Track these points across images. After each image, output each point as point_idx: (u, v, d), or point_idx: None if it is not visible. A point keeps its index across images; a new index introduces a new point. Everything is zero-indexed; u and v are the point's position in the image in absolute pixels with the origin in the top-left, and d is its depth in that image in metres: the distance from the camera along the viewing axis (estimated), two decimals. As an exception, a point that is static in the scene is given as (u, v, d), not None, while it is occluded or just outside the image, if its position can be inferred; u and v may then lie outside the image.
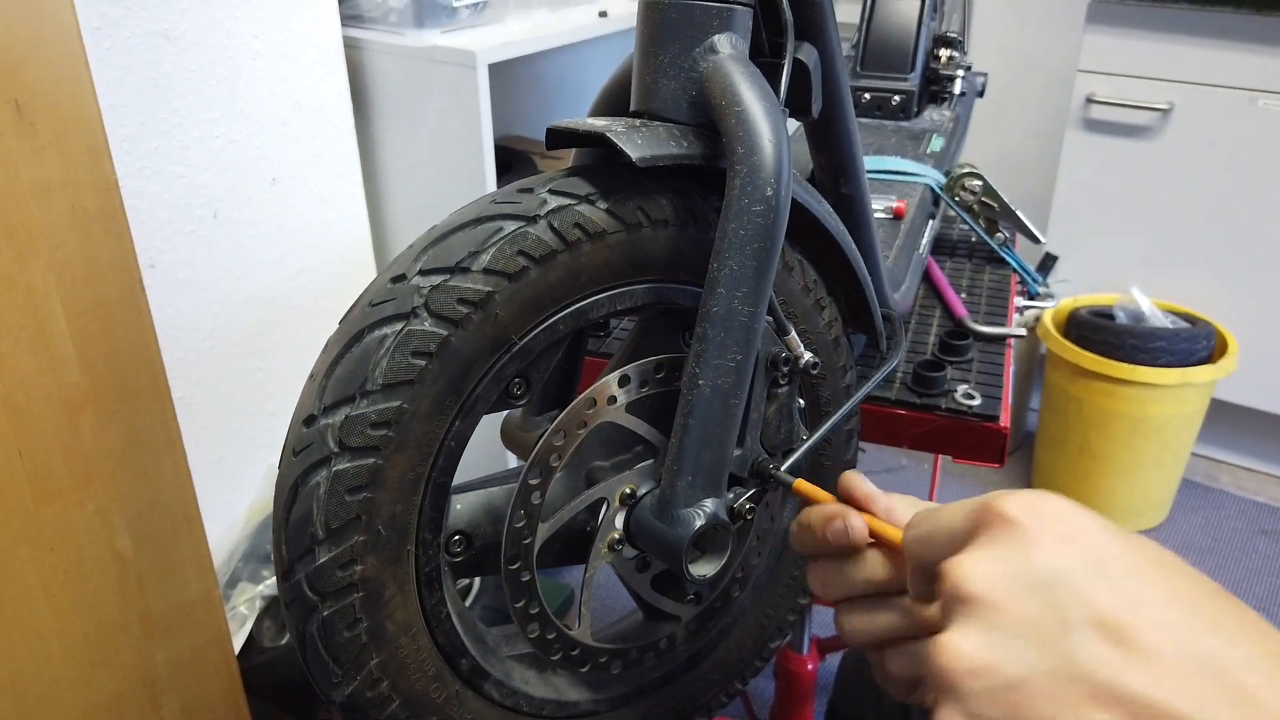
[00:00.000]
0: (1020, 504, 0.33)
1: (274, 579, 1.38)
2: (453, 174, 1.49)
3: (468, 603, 1.57)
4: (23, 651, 0.91)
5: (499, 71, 1.54)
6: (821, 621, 1.61)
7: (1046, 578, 0.31)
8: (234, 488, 1.42)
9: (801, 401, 0.59)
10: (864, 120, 1.25)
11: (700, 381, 0.46)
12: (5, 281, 0.83)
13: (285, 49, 1.32)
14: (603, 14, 1.65)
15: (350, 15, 1.48)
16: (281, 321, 1.42)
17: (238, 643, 1.33)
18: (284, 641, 1.36)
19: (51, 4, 0.82)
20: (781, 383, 0.54)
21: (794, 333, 0.53)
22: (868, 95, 1.23)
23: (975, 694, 0.30)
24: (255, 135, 1.31)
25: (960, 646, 0.31)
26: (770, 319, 0.52)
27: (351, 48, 1.47)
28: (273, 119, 1.33)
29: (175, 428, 1.01)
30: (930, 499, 1.53)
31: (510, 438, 0.59)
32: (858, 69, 1.25)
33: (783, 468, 0.53)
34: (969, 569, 0.32)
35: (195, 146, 1.24)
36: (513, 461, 1.68)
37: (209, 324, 1.32)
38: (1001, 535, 0.33)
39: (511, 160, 1.78)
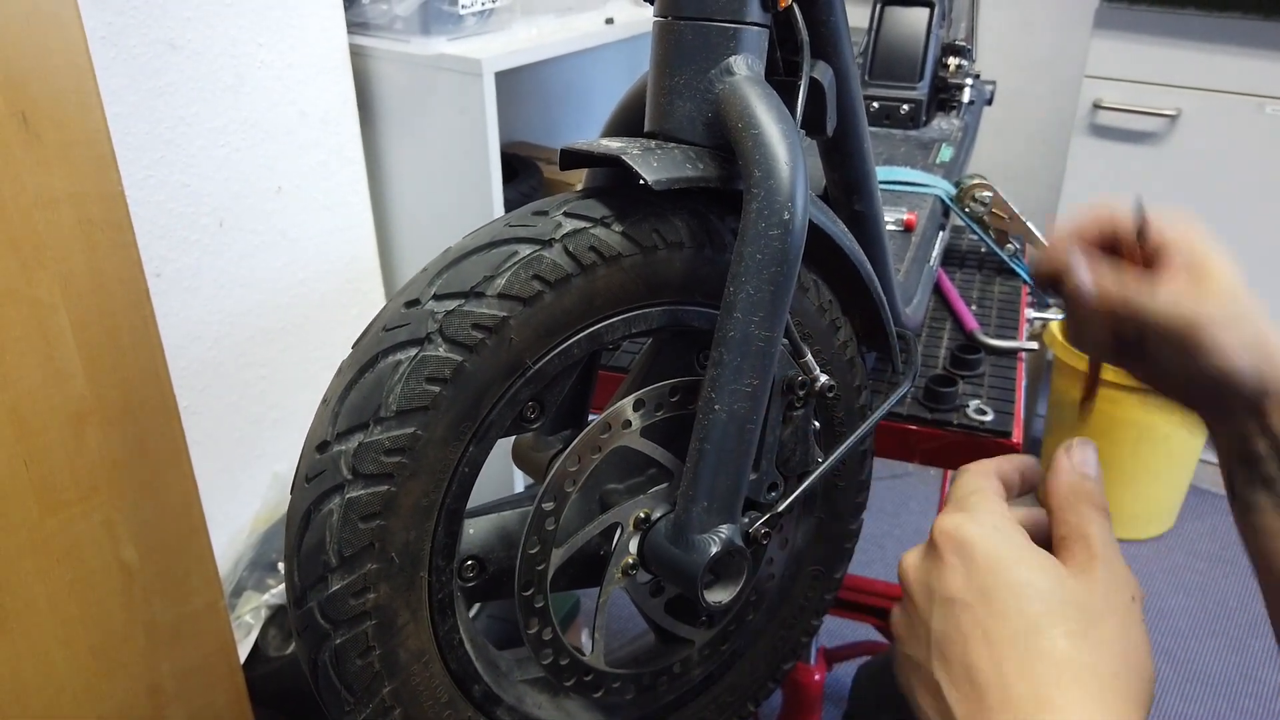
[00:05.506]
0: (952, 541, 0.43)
1: (279, 587, 1.38)
2: (459, 182, 1.49)
3: (472, 613, 1.57)
4: (28, 663, 0.91)
5: (505, 79, 1.53)
6: (829, 631, 1.60)
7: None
8: (239, 497, 1.42)
9: (816, 423, 0.58)
10: (873, 129, 1.24)
11: (716, 406, 0.46)
12: (11, 293, 0.83)
13: (291, 57, 1.32)
14: (609, 21, 1.65)
15: (356, 23, 1.48)
16: (287, 330, 1.42)
17: (243, 652, 1.32)
18: (289, 651, 1.36)
19: (58, 14, 0.82)
20: (797, 405, 0.54)
21: (810, 355, 0.53)
22: (876, 104, 1.23)
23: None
24: (261, 144, 1.31)
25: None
26: (786, 341, 0.51)
27: (357, 56, 1.46)
28: (278, 128, 1.33)
29: (181, 437, 1.01)
30: (938, 509, 1.52)
31: (522, 458, 0.58)
32: (866, 78, 1.25)
33: (797, 492, 0.52)
34: (912, 562, 0.45)
35: (201, 155, 1.24)
36: (520, 479, 1.67)
37: (214, 333, 1.31)
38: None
39: (518, 168, 1.77)
